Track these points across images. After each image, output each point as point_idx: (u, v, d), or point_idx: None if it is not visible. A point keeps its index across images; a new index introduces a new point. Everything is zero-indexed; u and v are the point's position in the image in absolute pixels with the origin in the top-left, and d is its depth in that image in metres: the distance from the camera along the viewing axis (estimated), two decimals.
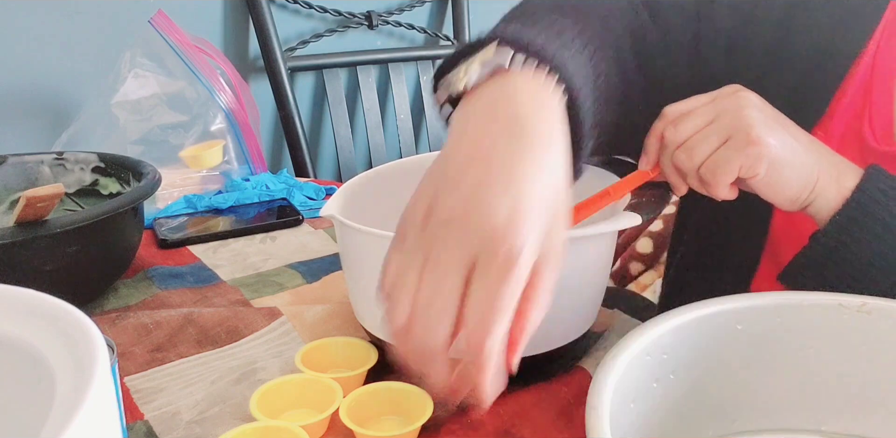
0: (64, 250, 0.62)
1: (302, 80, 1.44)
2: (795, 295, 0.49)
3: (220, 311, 0.67)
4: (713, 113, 0.50)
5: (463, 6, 1.51)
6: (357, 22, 1.44)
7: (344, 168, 1.44)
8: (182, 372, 0.59)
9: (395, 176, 0.68)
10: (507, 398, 0.54)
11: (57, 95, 1.20)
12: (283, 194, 0.99)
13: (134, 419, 0.53)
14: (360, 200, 0.63)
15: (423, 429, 0.51)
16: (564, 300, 0.54)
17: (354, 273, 0.58)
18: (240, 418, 0.53)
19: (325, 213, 0.56)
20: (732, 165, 0.49)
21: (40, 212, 0.60)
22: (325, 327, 0.65)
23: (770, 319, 0.48)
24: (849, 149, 0.58)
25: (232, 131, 1.00)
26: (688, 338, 0.47)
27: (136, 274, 0.77)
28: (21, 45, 1.15)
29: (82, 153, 0.81)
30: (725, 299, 0.48)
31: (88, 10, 1.19)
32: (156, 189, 0.71)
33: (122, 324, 0.65)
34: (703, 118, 0.50)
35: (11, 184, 0.80)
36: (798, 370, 0.49)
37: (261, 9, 1.30)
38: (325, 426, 0.52)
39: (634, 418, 0.44)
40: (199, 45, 1.02)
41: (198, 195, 0.96)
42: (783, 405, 0.50)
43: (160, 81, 0.98)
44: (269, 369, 0.59)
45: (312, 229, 0.90)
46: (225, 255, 0.83)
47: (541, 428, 0.51)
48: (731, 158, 0.49)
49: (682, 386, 0.48)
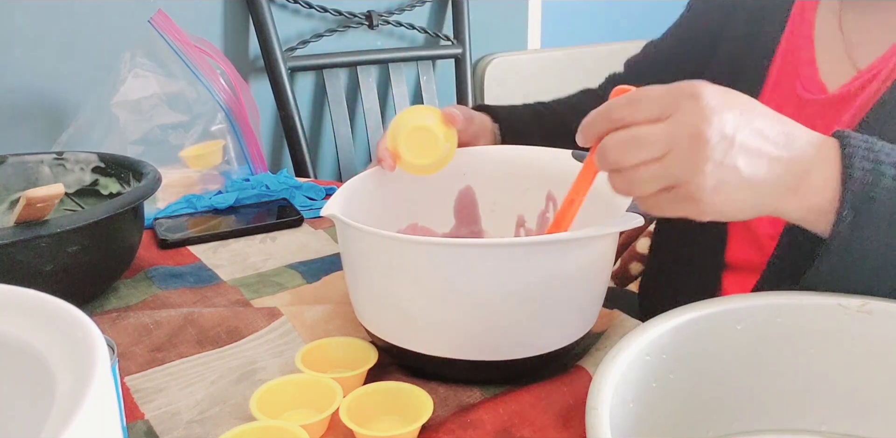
0: (64, 250, 0.62)
1: (302, 80, 1.44)
2: (795, 295, 0.49)
3: (220, 311, 0.67)
4: (665, 144, 0.44)
5: (463, 6, 1.51)
6: (357, 22, 1.44)
7: (344, 168, 1.45)
8: (182, 372, 0.59)
9: (396, 175, 0.68)
10: (506, 397, 0.54)
11: (57, 95, 1.20)
12: (283, 194, 0.99)
13: (134, 418, 0.53)
14: (361, 199, 0.64)
15: (423, 429, 0.51)
16: (565, 300, 0.54)
17: (355, 273, 0.58)
18: (240, 418, 0.53)
19: (326, 212, 0.56)
20: (671, 211, 0.46)
21: (40, 212, 0.60)
22: (325, 327, 0.65)
23: (770, 319, 0.48)
24: (786, 107, 0.67)
25: (232, 131, 1.01)
26: (688, 338, 0.47)
27: (136, 274, 0.77)
28: (21, 45, 1.15)
29: (82, 153, 0.81)
30: (725, 299, 0.48)
31: (88, 11, 1.19)
32: (156, 189, 0.71)
33: (122, 324, 0.65)
34: (652, 149, 0.44)
35: (11, 184, 0.80)
36: (798, 370, 0.49)
37: (261, 9, 1.30)
38: (325, 426, 0.52)
39: (634, 418, 0.44)
40: (199, 45, 1.02)
41: (198, 195, 0.96)
42: (783, 405, 0.50)
43: (160, 81, 0.98)
44: (269, 369, 0.59)
45: (312, 229, 0.90)
46: (225, 255, 0.83)
47: (540, 428, 0.51)
48: (670, 208, 0.46)
49: (682, 386, 0.48)
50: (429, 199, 0.72)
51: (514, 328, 0.53)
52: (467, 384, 0.57)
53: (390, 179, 0.68)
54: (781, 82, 0.71)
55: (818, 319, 0.48)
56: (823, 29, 0.70)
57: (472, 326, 0.53)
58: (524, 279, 0.51)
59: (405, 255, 0.52)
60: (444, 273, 0.51)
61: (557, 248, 0.51)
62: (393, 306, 0.55)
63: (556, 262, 0.51)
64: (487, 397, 0.55)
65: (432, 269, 0.51)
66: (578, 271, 0.53)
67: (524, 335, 0.54)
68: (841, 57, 0.67)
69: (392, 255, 0.53)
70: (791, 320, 0.48)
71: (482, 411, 0.52)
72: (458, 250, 0.50)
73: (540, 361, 0.55)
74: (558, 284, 0.52)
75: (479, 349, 0.54)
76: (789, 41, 0.71)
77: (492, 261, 0.50)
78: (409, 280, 0.53)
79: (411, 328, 0.55)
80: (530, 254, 0.50)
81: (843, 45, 0.68)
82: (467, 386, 0.56)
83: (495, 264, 0.50)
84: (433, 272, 0.52)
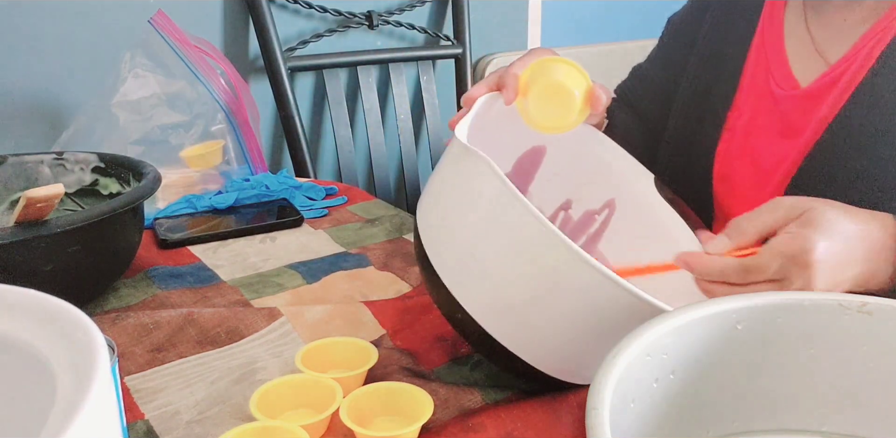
0: (64, 250, 0.62)
1: (302, 80, 1.44)
2: (795, 295, 0.48)
3: (220, 311, 0.67)
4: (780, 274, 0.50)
5: (463, 6, 1.51)
6: (357, 22, 1.44)
7: (344, 168, 1.45)
8: (182, 372, 0.59)
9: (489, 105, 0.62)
10: (509, 401, 0.54)
11: (57, 95, 1.20)
12: (283, 194, 0.99)
13: (134, 418, 0.53)
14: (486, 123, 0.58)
15: (423, 429, 0.51)
16: None
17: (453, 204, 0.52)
18: (240, 418, 0.53)
19: (458, 132, 0.51)
20: None
21: (40, 212, 0.60)
22: (325, 327, 0.65)
23: (770, 319, 0.48)
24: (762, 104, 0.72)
25: (232, 131, 1.01)
26: (688, 338, 0.47)
27: (136, 274, 0.77)
28: (21, 45, 1.15)
29: (82, 153, 0.81)
30: (725, 299, 0.48)
31: (88, 11, 1.18)
32: (156, 189, 0.71)
33: (122, 324, 0.65)
34: (767, 276, 0.50)
35: (11, 184, 0.80)
36: (798, 370, 0.49)
37: (261, 9, 1.30)
38: (325, 426, 0.52)
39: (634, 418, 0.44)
40: (199, 45, 1.02)
41: (198, 195, 0.96)
42: (783, 405, 0.50)
43: (160, 81, 0.98)
44: (269, 369, 0.59)
45: (312, 229, 0.90)
46: (225, 255, 0.83)
47: (543, 432, 0.51)
48: None
49: (682, 386, 0.48)
50: (501, 136, 0.65)
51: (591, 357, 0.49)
52: (468, 386, 0.57)
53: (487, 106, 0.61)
54: (756, 80, 0.72)
55: (818, 319, 0.48)
56: (792, 26, 0.71)
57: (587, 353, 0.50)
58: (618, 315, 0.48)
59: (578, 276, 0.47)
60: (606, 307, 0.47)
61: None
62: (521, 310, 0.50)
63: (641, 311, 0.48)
64: (488, 402, 0.55)
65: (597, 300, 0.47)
66: None
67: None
68: (811, 53, 0.69)
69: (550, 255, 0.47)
70: (791, 320, 0.48)
71: (483, 415, 0.52)
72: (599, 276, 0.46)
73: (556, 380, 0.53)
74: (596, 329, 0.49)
75: (575, 374, 0.52)
76: (761, 39, 0.73)
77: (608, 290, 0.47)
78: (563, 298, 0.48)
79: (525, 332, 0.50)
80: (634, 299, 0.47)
81: (811, 42, 0.70)
82: (468, 388, 0.56)
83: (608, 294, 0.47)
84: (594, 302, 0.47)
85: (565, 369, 0.52)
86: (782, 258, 0.49)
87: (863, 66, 0.64)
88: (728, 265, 0.50)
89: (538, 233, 0.47)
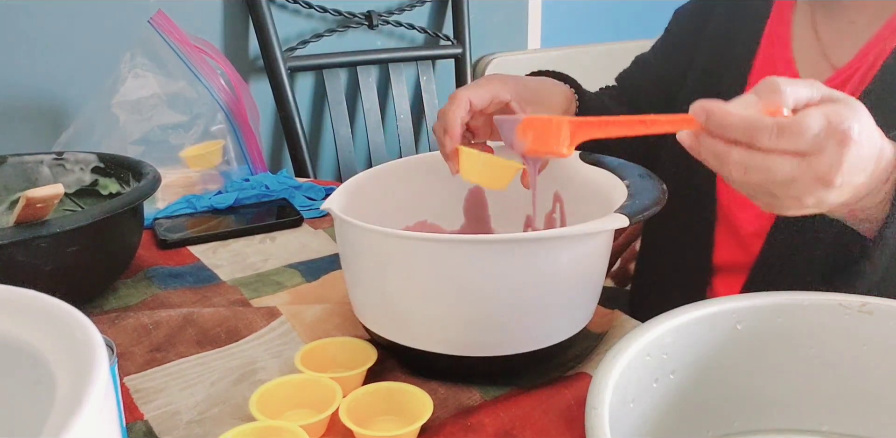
0: (64, 250, 0.62)
1: (302, 80, 1.44)
2: (795, 295, 0.49)
3: (219, 311, 0.67)
4: (790, 180, 0.44)
5: (463, 6, 1.51)
6: (357, 22, 1.44)
7: (344, 168, 1.44)
8: (182, 372, 0.59)
9: (397, 174, 0.68)
10: (507, 400, 0.54)
11: (57, 96, 1.20)
12: (282, 194, 0.99)
13: (134, 419, 0.53)
14: (362, 197, 0.64)
15: (423, 429, 0.51)
16: (559, 296, 0.54)
17: (352, 269, 0.58)
18: (240, 418, 0.53)
19: (326, 206, 0.56)
20: (781, 209, 0.48)
21: (40, 212, 0.60)
22: (325, 326, 0.65)
23: (770, 319, 0.48)
24: None
25: (232, 131, 1.00)
26: (688, 338, 0.47)
27: (136, 274, 0.77)
28: (21, 45, 1.15)
29: (82, 153, 0.81)
30: (725, 299, 0.48)
31: (88, 11, 1.18)
32: (156, 189, 0.71)
33: (121, 324, 0.65)
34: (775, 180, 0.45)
35: (11, 184, 0.80)
36: (798, 370, 0.49)
37: (261, 9, 1.30)
38: (324, 426, 0.52)
39: (634, 418, 0.44)
40: (199, 46, 1.02)
41: (197, 195, 0.96)
42: (783, 405, 0.50)
43: (160, 81, 0.98)
44: (269, 369, 0.59)
45: (312, 229, 0.90)
46: (225, 255, 0.83)
47: (542, 431, 0.51)
48: (785, 206, 0.48)
49: (682, 386, 0.48)
50: (439, 196, 0.71)
51: (510, 324, 0.53)
52: (467, 384, 0.57)
53: (401, 175, 0.68)
54: None
55: (818, 319, 0.48)
56: (800, 29, 0.71)
57: (469, 322, 0.53)
58: (516, 275, 0.51)
59: (399, 251, 0.52)
60: (438, 269, 0.51)
61: (545, 245, 0.51)
62: (389, 303, 0.55)
63: (546, 258, 0.51)
64: (487, 400, 0.55)
65: (426, 265, 0.52)
66: (570, 268, 0.53)
67: (520, 331, 0.54)
68: (818, 56, 0.69)
69: (386, 251, 0.53)
70: (791, 320, 0.48)
71: (482, 414, 0.52)
72: (451, 246, 0.51)
73: (536, 357, 0.55)
74: (551, 280, 0.52)
75: (477, 345, 0.54)
76: (768, 41, 0.72)
77: (483, 257, 0.50)
78: (404, 277, 0.53)
79: (408, 325, 0.55)
80: (521, 250, 0.50)
81: (818, 45, 0.69)
82: (467, 387, 0.56)
83: (486, 260, 0.51)
84: (427, 269, 0.52)
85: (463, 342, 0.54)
86: (827, 125, 0.43)
87: (868, 72, 0.64)
88: (759, 121, 0.43)
89: (377, 238, 0.53)
